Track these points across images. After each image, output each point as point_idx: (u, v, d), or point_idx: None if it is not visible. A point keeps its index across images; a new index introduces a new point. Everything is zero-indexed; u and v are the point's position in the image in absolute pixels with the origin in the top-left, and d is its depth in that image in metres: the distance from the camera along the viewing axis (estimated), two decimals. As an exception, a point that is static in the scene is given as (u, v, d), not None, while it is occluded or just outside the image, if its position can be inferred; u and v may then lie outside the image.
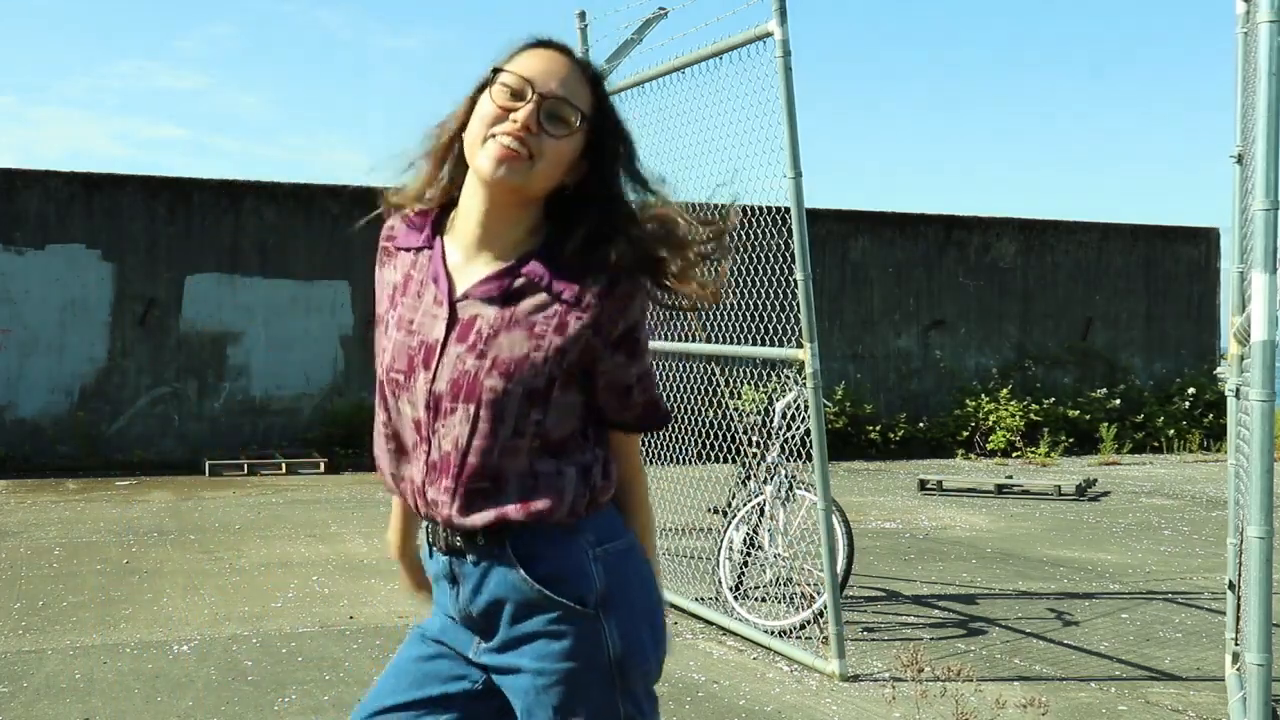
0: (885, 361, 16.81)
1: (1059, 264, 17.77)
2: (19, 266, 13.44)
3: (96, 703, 4.86)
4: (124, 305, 13.81)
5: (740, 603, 6.27)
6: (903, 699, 4.87)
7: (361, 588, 7.17)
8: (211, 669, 5.36)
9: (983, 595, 7.17)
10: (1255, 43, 4.06)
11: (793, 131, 5.20)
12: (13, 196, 13.45)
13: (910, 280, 16.99)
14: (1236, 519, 4.82)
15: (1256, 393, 3.80)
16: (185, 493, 11.53)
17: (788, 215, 5.34)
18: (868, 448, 15.91)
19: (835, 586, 5.41)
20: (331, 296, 14.53)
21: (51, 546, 8.46)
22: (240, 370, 14.22)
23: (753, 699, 4.99)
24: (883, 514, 10.56)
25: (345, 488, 12.02)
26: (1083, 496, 11.75)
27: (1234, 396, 4.95)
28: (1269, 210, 3.78)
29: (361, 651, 5.67)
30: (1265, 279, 3.77)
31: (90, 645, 5.75)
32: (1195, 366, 18.14)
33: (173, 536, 8.95)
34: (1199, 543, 9.19)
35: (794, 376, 5.60)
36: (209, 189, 14.21)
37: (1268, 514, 3.79)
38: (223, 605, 6.66)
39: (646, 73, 6.31)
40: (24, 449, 13.33)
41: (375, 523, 9.74)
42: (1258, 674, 3.85)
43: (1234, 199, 5.17)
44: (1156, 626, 6.41)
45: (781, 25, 5.18)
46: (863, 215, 16.86)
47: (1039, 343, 17.56)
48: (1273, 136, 3.78)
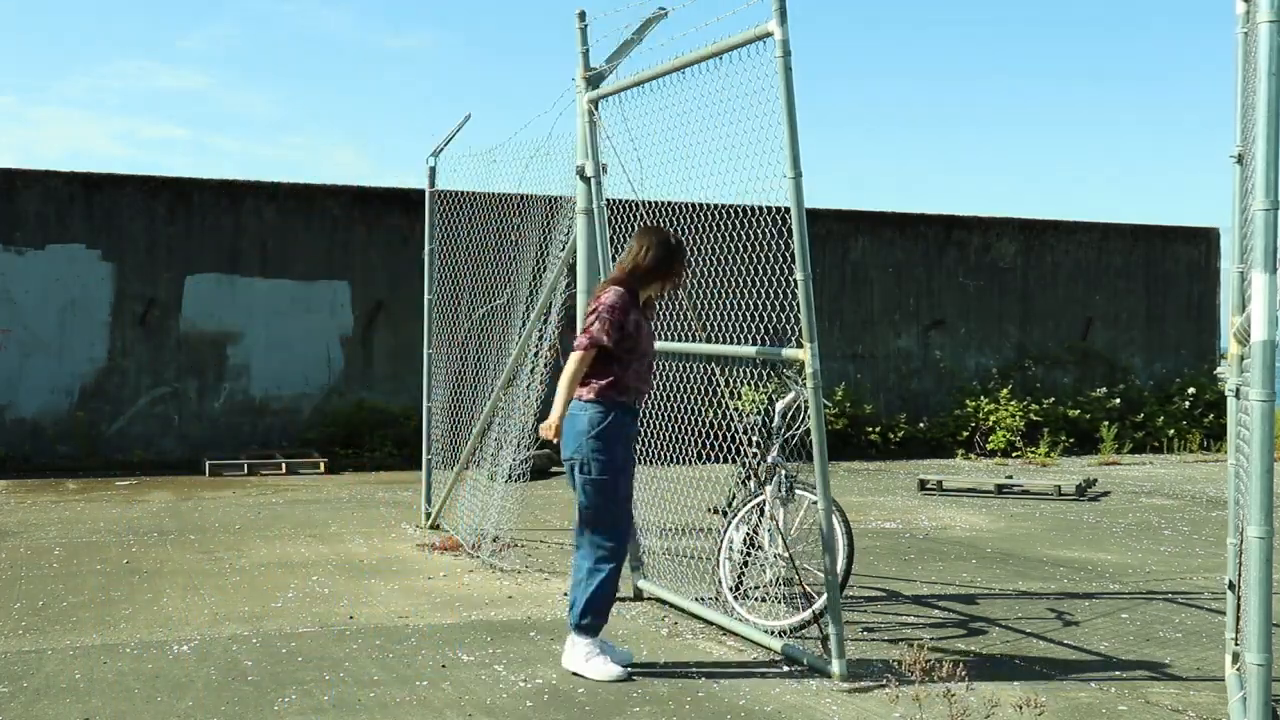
0: (885, 361, 16.81)
1: (1059, 264, 17.77)
2: (19, 266, 13.44)
3: (96, 703, 4.86)
4: (124, 305, 13.82)
5: (740, 603, 6.27)
6: (902, 699, 4.87)
7: (361, 588, 7.17)
8: (211, 669, 5.36)
9: (983, 595, 7.17)
10: (1255, 43, 4.06)
11: (793, 131, 5.20)
12: (13, 196, 13.45)
13: (910, 280, 16.99)
14: (1236, 519, 4.82)
15: (1256, 393, 3.80)
16: (185, 493, 11.54)
17: (788, 215, 5.34)
18: (868, 448, 15.92)
19: (835, 587, 5.41)
20: (331, 296, 14.53)
21: (51, 546, 8.46)
22: (240, 370, 14.22)
23: (753, 699, 4.99)
24: (883, 514, 10.56)
25: (345, 488, 12.02)
26: (1083, 496, 11.76)
27: (1234, 396, 4.94)
28: (1269, 210, 3.78)
29: (361, 651, 5.67)
30: (1265, 279, 3.77)
31: (90, 645, 5.75)
32: (1195, 366, 18.14)
33: (173, 536, 8.95)
34: (1199, 543, 9.19)
35: (794, 377, 5.60)
36: (209, 189, 14.22)
37: (1268, 514, 3.79)
38: (223, 605, 6.66)
39: (646, 73, 6.31)
40: (24, 449, 13.33)
41: (375, 523, 9.75)
42: (1258, 674, 3.85)
43: (1234, 199, 5.16)
44: (1156, 626, 6.41)
45: (781, 25, 5.18)
46: (863, 215, 16.87)
47: (1039, 343, 17.56)
48: (1273, 136, 3.78)
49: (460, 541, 8.51)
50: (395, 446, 14.13)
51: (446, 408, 9.61)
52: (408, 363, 14.43)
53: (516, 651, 5.69)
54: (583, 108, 7.00)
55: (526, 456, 8.10)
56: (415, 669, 5.38)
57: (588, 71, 6.99)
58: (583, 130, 7.03)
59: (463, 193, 9.49)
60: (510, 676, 5.28)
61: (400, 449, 14.09)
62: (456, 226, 9.49)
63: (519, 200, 8.51)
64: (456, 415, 9.40)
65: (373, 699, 4.92)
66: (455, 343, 9.42)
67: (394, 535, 9.16)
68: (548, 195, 8.11)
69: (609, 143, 6.81)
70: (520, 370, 8.06)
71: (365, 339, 14.64)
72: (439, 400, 9.74)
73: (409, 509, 10.44)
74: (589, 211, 7.03)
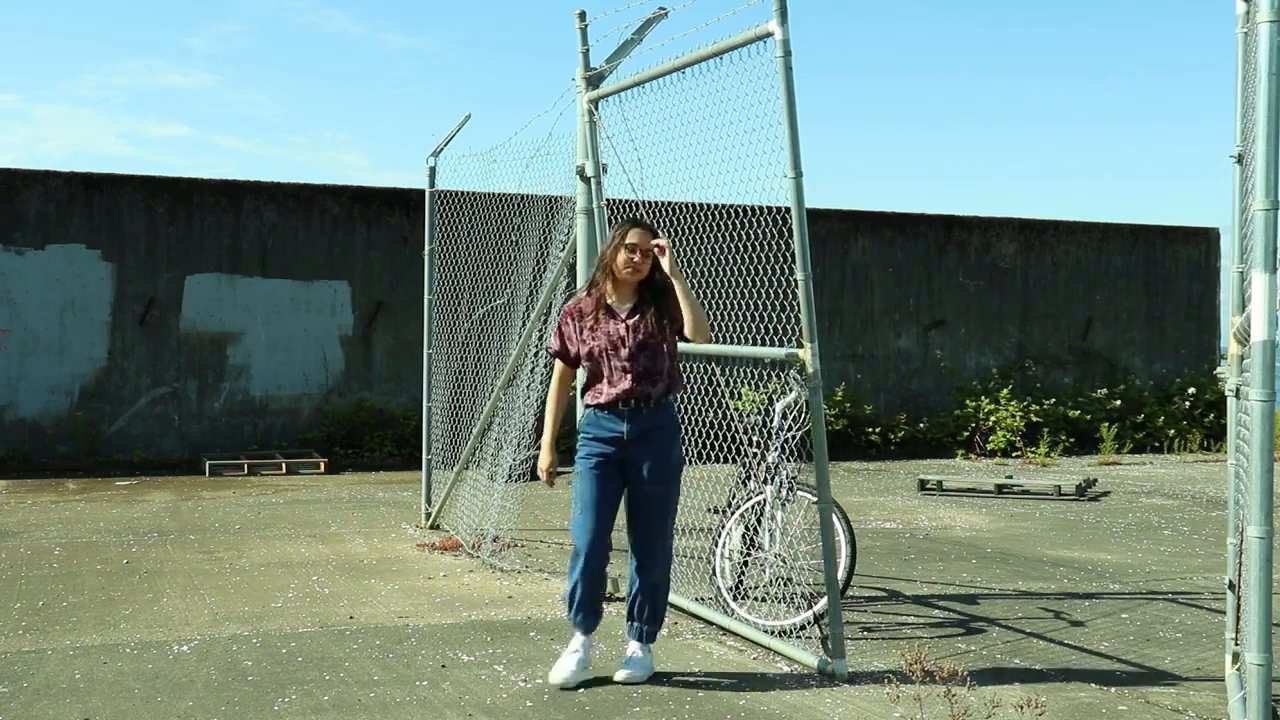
0: (885, 361, 16.81)
1: (1059, 264, 17.77)
2: (19, 266, 13.45)
3: (96, 703, 4.86)
4: (124, 305, 13.82)
5: (740, 603, 6.27)
6: (903, 699, 4.87)
7: (361, 588, 7.17)
8: (211, 669, 5.36)
9: (983, 595, 7.17)
10: (1255, 43, 4.06)
11: (793, 131, 5.20)
12: (13, 196, 13.46)
13: (910, 280, 16.99)
14: (1236, 519, 4.82)
15: (1256, 393, 3.80)
16: (185, 493, 11.54)
17: (788, 215, 5.34)
18: (868, 448, 15.92)
19: (835, 587, 5.41)
20: (331, 296, 14.53)
21: (51, 546, 8.46)
22: (240, 370, 14.22)
23: (753, 699, 4.99)
24: (883, 514, 10.56)
25: (345, 488, 12.02)
26: (1083, 496, 11.75)
27: (1234, 396, 4.94)
28: (1269, 210, 3.78)
29: (361, 651, 5.67)
30: (1265, 279, 3.77)
31: (90, 645, 5.75)
32: (1195, 366, 18.14)
33: (173, 536, 8.95)
34: (1199, 543, 9.19)
35: (794, 377, 5.59)
36: (209, 189, 14.22)
37: (1268, 514, 3.79)
38: (223, 605, 6.65)
39: (646, 73, 6.31)
40: (24, 449, 13.33)
41: (375, 523, 9.75)
42: (1258, 674, 3.85)
43: (1234, 199, 5.16)
44: (1156, 626, 6.40)
45: (782, 25, 5.18)
46: (863, 215, 16.87)
47: (1039, 343, 17.56)
48: (1273, 136, 3.78)
49: (460, 541, 8.51)
50: (395, 446, 14.14)
51: (446, 408, 9.61)
52: (408, 363, 14.44)
53: (516, 651, 5.69)
54: (583, 108, 6.99)
55: (526, 456, 8.10)
56: (415, 669, 5.38)
57: (588, 71, 6.99)
58: (583, 130, 7.03)
59: (463, 193, 9.49)
60: (510, 676, 5.27)
61: (400, 449, 14.10)
62: (456, 226, 9.49)
63: (519, 200, 8.51)
64: (456, 415, 9.40)
65: (373, 699, 4.92)
66: (455, 343, 9.43)
67: (394, 535, 9.16)
68: (548, 195, 8.11)
69: (609, 143, 6.81)
70: (520, 370, 8.06)
71: (365, 339, 14.64)
72: (439, 400, 9.74)
73: (409, 509, 10.44)
74: (589, 211, 7.03)
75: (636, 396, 5.12)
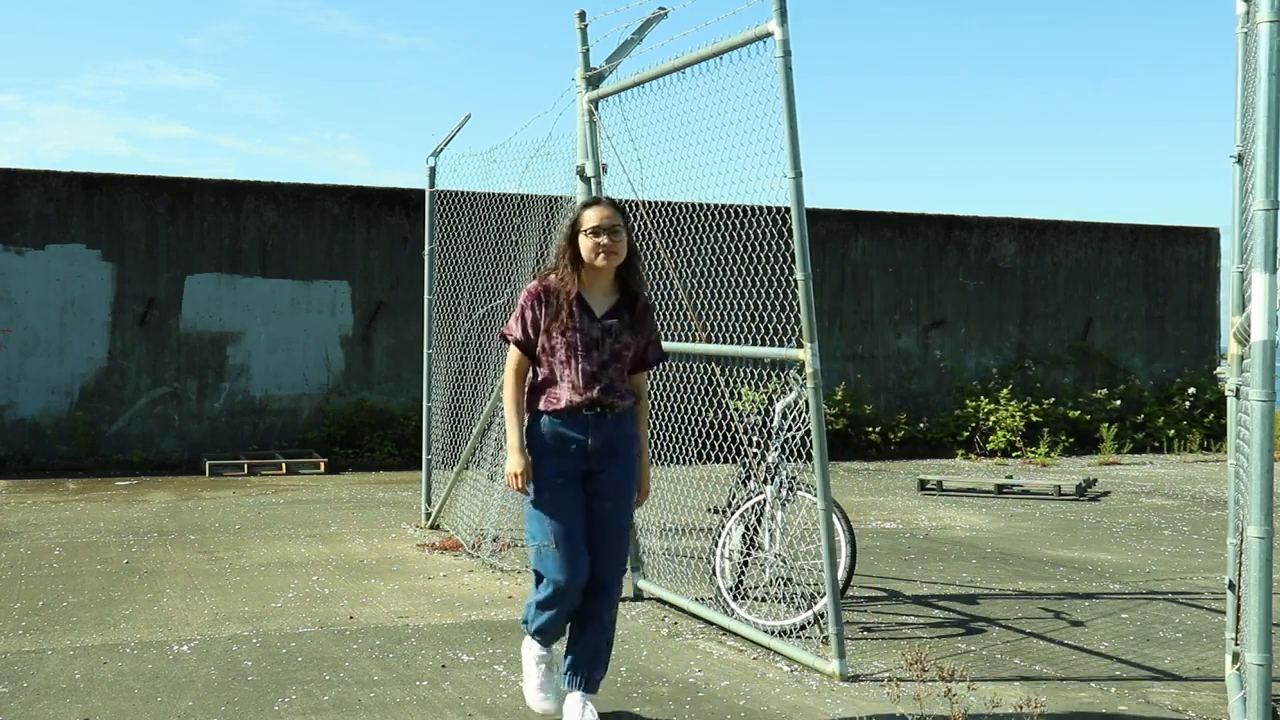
0: (885, 361, 16.81)
1: (1059, 264, 17.77)
2: (19, 266, 13.44)
3: (96, 703, 4.86)
4: (124, 305, 13.82)
5: (740, 603, 6.27)
6: (903, 699, 4.87)
7: (361, 588, 7.17)
8: (211, 669, 5.36)
9: (983, 595, 7.17)
10: (1255, 43, 4.06)
11: (793, 131, 5.20)
12: (13, 196, 13.46)
13: (910, 280, 16.99)
14: (1236, 519, 4.82)
15: (1256, 393, 3.80)
16: (185, 493, 11.54)
17: (788, 215, 5.34)
18: (868, 448, 15.92)
19: (835, 587, 5.41)
20: (331, 296, 14.53)
21: (51, 546, 8.46)
22: (240, 370, 14.22)
23: (753, 699, 4.99)
24: (883, 514, 10.56)
25: (345, 488, 12.02)
26: (1083, 496, 11.76)
27: (1234, 396, 4.95)
28: (1269, 210, 3.78)
29: (361, 651, 5.67)
30: (1265, 279, 3.77)
31: (90, 645, 5.75)
32: (1195, 366, 18.14)
33: (173, 536, 8.95)
34: (1199, 543, 9.19)
35: (794, 376, 5.59)
36: (209, 189, 14.22)
37: (1268, 514, 3.79)
38: (223, 605, 6.65)
39: (646, 73, 6.31)
40: (24, 449, 13.33)
41: (375, 523, 9.75)
42: (1258, 674, 3.85)
43: (1234, 199, 5.17)
44: (1156, 626, 6.41)
45: (782, 25, 5.18)
46: (863, 215, 16.87)
47: (1039, 343, 17.56)
48: (1273, 136, 3.78)
49: (460, 541, 8.51)
50: (395, 446, 14.14)
51: (446, 408, 9.61)
52: (408, 363, 14.44)
53: (516, 652, 5.69)
54: (583, 108, 7.00)
55: (526, 456, 8.08)
56: (415, 669, 5.38)
57: (588, 71, 6.99)
58: (583, 130, 7.03)
59: (463, 193, 9.49)
60: (510, 676, 5.27)
61: (400, 449, 14.10)
62: (456, 226, 9.49)
63: (519, 200, 8.51)
64: (456, 415, 9.40)
65: (373, 699, 4.92)
66: (455, 343, 9.42)
67: (394, 535, 9.16)
68: (548, 195, 8.11)
69: (609, 143, 6.81)
70: (520, 370, 8.04)
71: (365, 339, 14.64)
72: (439, 400, 9.74)
73: (409, 509, 10.44)
74: (589, 211, 7.02)
75: (603, 405, 4.52)
